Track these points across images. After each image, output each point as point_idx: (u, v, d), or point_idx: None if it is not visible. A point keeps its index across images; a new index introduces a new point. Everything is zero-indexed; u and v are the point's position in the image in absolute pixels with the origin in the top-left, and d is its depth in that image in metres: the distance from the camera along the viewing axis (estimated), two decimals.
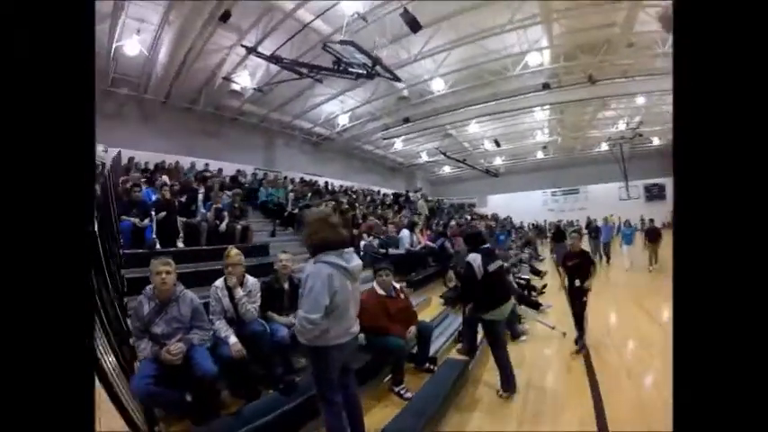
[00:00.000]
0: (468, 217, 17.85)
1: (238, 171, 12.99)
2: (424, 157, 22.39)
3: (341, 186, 17.87)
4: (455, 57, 12.54)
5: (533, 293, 7.95)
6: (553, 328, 5.40)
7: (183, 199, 6.92)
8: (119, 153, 10.70)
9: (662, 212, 15.30)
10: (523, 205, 21.14)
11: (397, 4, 9.60)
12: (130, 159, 10.72)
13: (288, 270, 3.60)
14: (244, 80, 12.89)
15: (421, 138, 19.91)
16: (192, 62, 11.62)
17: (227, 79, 12.49)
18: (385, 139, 18.27)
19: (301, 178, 15.01)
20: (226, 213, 6.75)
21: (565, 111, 16.00)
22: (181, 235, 6.20)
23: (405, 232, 7.87)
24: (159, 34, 10.37)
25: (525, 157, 21.88)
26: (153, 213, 5.87)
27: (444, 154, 20.26)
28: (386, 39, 10.88)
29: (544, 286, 8.57)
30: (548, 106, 15.11)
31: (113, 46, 10.28)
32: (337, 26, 10.32)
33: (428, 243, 8.63)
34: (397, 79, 10.97)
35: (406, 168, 24.43)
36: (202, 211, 6.82)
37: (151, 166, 11.21)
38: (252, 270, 3.55)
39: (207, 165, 13.03)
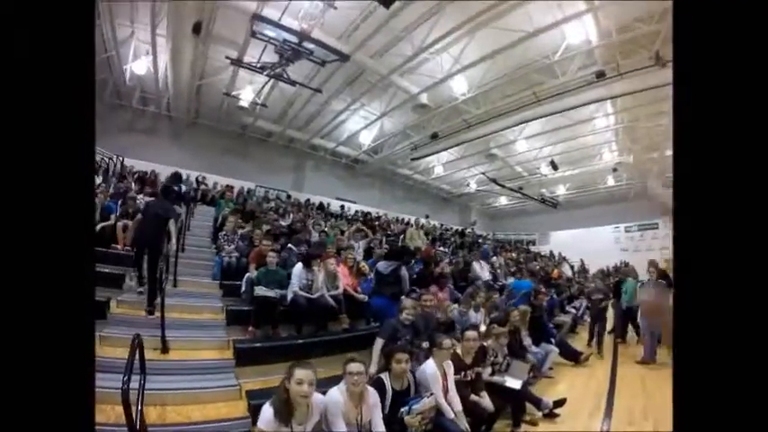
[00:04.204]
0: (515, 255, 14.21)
1: (227, 186, 12.04)
2: (473, 186, 19.29)
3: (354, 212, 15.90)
4: (474, 48, 10.06)
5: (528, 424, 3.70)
6: None
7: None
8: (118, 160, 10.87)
9: None
10: (591, 242, 16.32)
11: None
12: (126, 168, 11.10)
13: None
14: (246, 94, 12.16)
15: (463, 161, 17.10)
16: (195, 79, 11.44)
17: (228, 95, 11.89)
18: (413, 159, 15.91)
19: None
20: (113, 216, 6.43)
21: (635, 118, 11.82)
22: None
23: (296, 268, 4.93)
24: (155, 52, 10.48)
25: (593, 184, 17.25)
26: None
27: (494, 181, 17.03)
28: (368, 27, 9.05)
29: (559, 403, 4.00)
30: (611, 110, 11.34)
31: (128, 66, 11.01)
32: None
33: (350, 289, 5.34)
34: (343, 57, 8.91)
35: (457, 199, 21.46)
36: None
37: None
38: None
39: (204, 178, 12.47)
